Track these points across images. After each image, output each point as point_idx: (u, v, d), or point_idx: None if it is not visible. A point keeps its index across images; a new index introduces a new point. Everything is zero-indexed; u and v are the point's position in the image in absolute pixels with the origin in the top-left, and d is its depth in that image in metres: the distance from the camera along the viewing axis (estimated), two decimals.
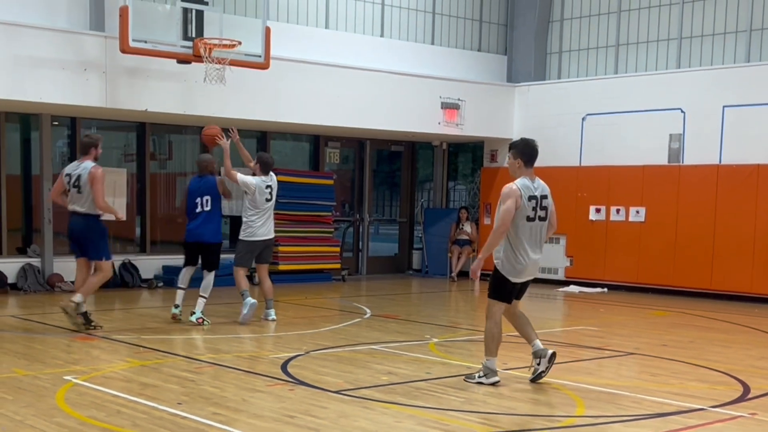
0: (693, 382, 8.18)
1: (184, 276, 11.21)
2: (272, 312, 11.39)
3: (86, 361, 8.60)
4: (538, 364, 7.89)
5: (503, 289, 7.71)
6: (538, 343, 7.91)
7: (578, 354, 9.62)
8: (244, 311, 10.92)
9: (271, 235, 11.24)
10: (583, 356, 9.51)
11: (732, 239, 15.09)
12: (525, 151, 7.69)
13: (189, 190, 11.13)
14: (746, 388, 7.86)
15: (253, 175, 11.14)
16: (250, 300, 10.91)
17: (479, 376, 7.76)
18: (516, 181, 7.66)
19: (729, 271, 15.13)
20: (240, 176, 10.96)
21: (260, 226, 11.01)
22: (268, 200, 11.03)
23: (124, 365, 8.45)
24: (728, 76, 15.36)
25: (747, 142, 14.97)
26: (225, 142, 10.92)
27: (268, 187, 11.04)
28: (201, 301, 10.83)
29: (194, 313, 10.80)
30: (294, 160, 18.70)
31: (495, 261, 7.70)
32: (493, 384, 7.69)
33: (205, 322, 10.74)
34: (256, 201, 10.94)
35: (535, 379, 7.89)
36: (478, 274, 7.67)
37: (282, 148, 18.42)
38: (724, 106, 15.23)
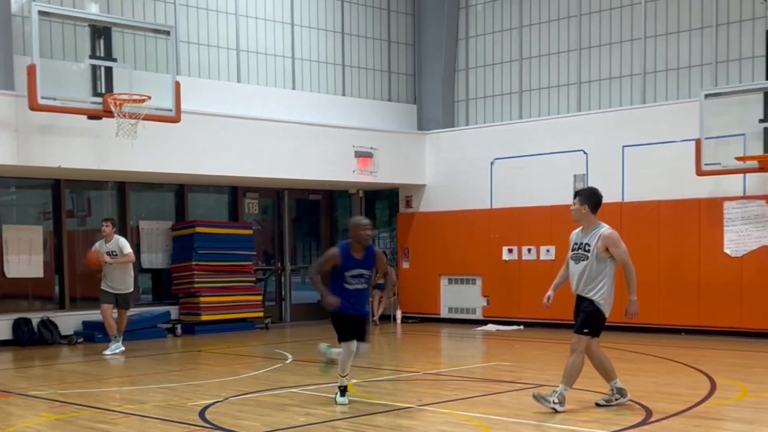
0: (599, 409, 8.47)
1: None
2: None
3: None
4: (617, 399, 8.55)
5: (600, 324, 8.46)
6: (619, 383, 8.62)
7: (492, 388, 9.90)
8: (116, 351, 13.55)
9: None
10: (498, 389, 9.78)
11: (637, 273, 15.49)
12: (591, 198, 8.37)
13: None
14: (649, 413, 8.20)
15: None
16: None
17: (554, 402, 8.22)
18: (608, 227, 8.38)
19: None
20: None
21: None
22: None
23: (39, 420, 8.37)
24: (626, 117, 16.03)
25: (647, 179, 15.59)
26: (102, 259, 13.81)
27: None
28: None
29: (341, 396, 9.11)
30: (215, 212, 18.77)
31: (599, 300, 8.37)
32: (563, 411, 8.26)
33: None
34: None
35: (606, 403, 8.54)
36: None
37: (201, 200, 18.50)
38: (623, 146, 15.86)
